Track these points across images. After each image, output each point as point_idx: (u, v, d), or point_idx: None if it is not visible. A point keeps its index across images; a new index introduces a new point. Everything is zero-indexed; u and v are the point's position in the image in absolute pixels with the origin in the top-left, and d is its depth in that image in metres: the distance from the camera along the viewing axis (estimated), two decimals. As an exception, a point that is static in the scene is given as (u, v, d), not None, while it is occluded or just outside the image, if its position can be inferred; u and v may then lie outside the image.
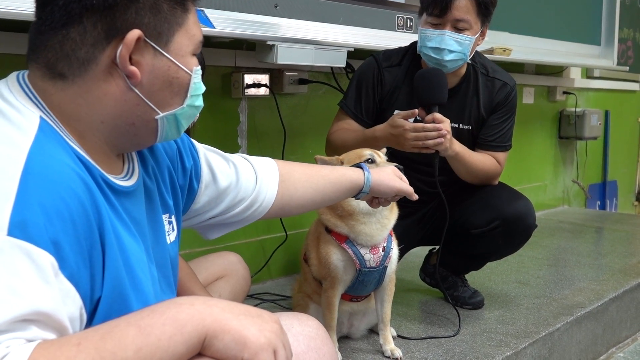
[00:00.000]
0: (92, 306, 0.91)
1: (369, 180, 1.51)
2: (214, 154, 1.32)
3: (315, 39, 2.51)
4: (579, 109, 4.83)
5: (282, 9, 2.46)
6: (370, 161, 1.83)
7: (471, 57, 2.28)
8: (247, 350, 0.86)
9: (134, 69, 0.96)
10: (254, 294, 2.57)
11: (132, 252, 0.99)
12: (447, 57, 2.19)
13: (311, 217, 2.08)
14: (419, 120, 2.13)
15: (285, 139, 2.83)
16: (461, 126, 2.36)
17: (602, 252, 3.59)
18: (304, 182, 1.43)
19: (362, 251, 1.90)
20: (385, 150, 1.98)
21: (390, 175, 1.56)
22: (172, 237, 1.19)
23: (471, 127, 2.38)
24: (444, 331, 2.24)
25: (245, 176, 1.34)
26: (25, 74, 0.99)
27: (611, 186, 5.64)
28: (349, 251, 1.89)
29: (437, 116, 2.08)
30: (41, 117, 0.93)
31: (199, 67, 1.05)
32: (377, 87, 2.34)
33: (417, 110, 2.10)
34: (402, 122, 2.09)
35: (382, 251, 1.93)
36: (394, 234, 2.00)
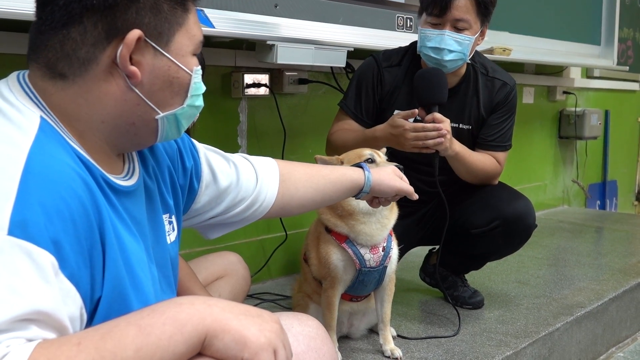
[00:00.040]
0: (93, 306, 0.91)
1: (370, 179, 1.51)
2: (214, 154, 1.32)
3: (315, 39, 2.51)
4: (579, 109, 4.83)
5: (282, 8, 2.46)
6: (370, 161, 1.83)
7: (471, 56, 2.29)
8: (247, 350, 0.86)
9: (134, 69, 0.96)
10: (254, 294, 2.57)
11: (132, 252, 0.99)
12: (447, 57, 2.19)
13: (311, 217, 2.08)
14: (419, 120, 2.13)
15: (285, 139, 2.83)
16: (461, 126, 2.36)
17: (602, 252, 3.59)
18: (304, 182, 1.43)
19: (362, 251, 1.90)
20: (385, 150, 1.99)
21: (390, 175, 1.56)
22: (173, 237, 1.19)
23: (471, 127, 2.38)
24: (444, 331, 2.24)
25: (245, 176, 1.34)
26: (25, 73, 0.99)
27: (611, 186, 5.64)
28: (349, 251, 1.89)
29: (437, 116, 2.08)
30: (41, 117, 0.93)
31: (199, 67, 1.05)
32: (377, 87, 2.34)
33: (417, 110, 2.10)
34: (402, 122, 2.09)
35: (382, 251, 1.93)
36: (393, 234, 2.00)
